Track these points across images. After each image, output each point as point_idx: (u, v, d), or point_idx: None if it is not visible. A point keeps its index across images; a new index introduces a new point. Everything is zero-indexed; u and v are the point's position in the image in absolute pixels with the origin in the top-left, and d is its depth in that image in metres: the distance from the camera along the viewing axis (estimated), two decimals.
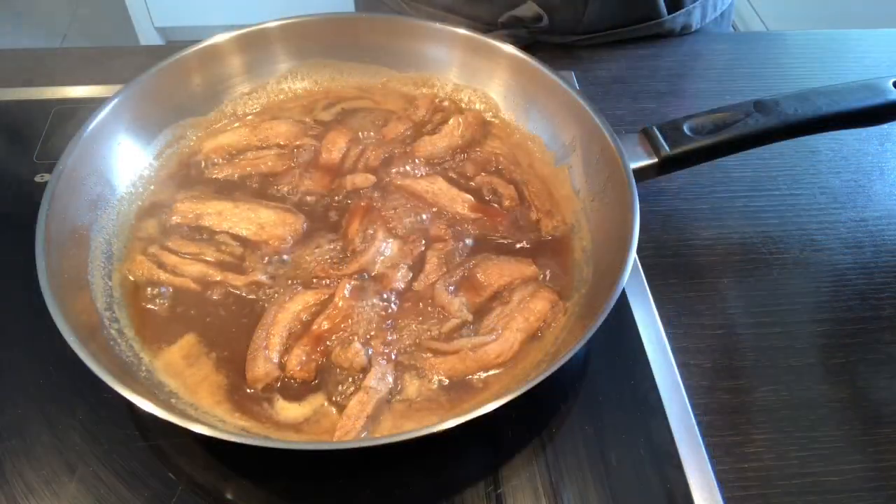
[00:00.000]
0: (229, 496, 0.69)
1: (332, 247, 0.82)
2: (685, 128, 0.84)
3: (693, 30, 1.27)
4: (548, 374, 0.64)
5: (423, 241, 0.84)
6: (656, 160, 0.83)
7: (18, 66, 1.10)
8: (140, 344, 0.74)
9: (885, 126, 1.01)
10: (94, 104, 0.83)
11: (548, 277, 0.82)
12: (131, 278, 0.79)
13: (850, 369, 0.80)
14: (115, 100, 0.84)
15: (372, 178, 0.89)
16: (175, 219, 0.83)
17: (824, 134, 1.00)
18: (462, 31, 0.97)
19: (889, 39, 1.26)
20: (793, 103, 0.84)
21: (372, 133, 0.95)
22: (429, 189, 0.88)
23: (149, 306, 0.77)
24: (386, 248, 0.82)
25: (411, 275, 0.80)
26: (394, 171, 0.91)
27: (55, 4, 3.43)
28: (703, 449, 0.72)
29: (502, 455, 0.72)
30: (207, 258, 0.80)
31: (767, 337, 0.83)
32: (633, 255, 0.73)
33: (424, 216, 0.86)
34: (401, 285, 0.79)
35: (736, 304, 0.86)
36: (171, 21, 3.15)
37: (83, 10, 3.44)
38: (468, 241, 0.84)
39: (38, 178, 0.93)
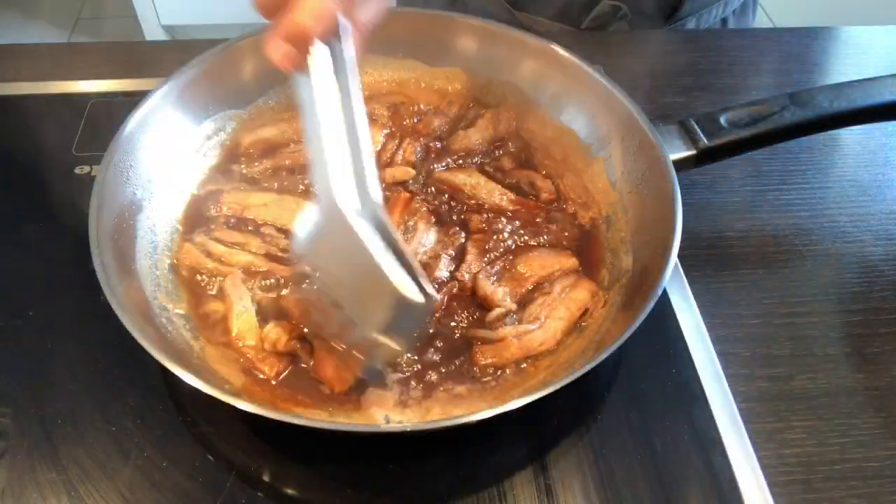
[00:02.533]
0: (282, 480, 0.70)
1: None
2: (722, 120, 0.85)
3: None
4: (595, 363, 0.65)
5: (463, 233, 0.85)
6: (694, 152, 0.84)
7: (53, 61, 1.11)
8: (190, 332, 0.75)
9: None
10: (130, 97, 0.84)
11: (585, 268, 0.83)
12: (179, 268, 0.80)
13: (887, 358, 0.81)
14: (160, 91, 0.84)
15: (412, 172, 0.90)
16: (221, 209, 0.84)
17: (851, 128, 1.02)
18: (494, 25, 0.98)
19: None
20: (828, 96, 0.85)
21: (408, 126, 0.96)
22: (467, 182, 0.89)
23: (197, 295, 0.78)
24: (427, 239, 0.83)
25: (454, 265, 0.81)
26: (431, 164, 0.92)
27: (60, 2, 3.43)
28: (746, 435, 0.73)
29: (549, 441, 0.73)
30: (253, 249, 0.81)
31: (803, 326, 0.84)
32: (677, 248, 0.74)
33: (464, 208, 0.87)
34: (445, 274, 0.80)
35: (771, 295, 0.87)
36: (177, 19, 3.14)
37: (88, 8, 3.44)
38: (507, 233, 0.85)
39: (77, 171, 0.94)
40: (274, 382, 0.72)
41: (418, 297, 0.63)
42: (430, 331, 0.76)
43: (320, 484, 0.69)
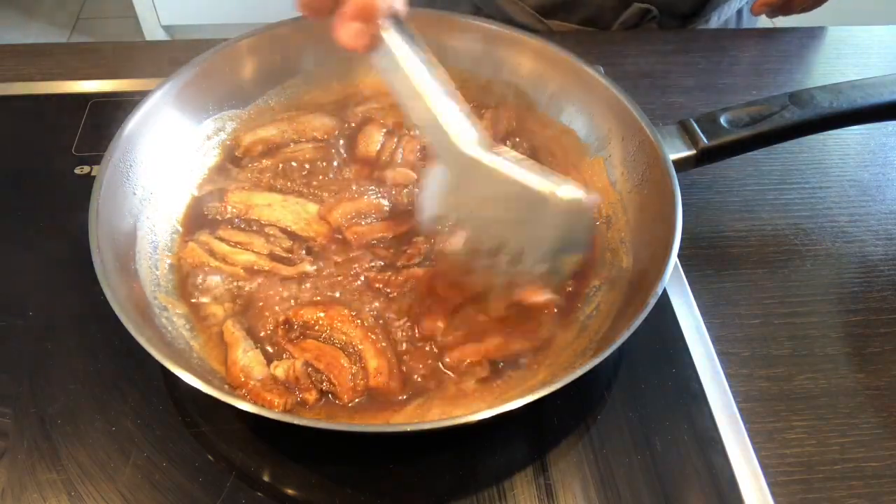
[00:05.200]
0: (282, 480, 0.70)
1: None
2: (722, 120, 0.85)
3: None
4: (595, 363, 0.65)
5: None
6: (694, 152, 0.84)
7: (53, 61, 1.11)
8: (189, 332, 0.75)
9: None
10: (130, 97, 0.84)
11: (585, 267, 0.83)
12: (181, 267, 0.80)
13: (887, 358, 0.81)
14: (160, 91, 0.84)
15: (412, 175, 0.90)
16: (226, 209, 0.84)
17: (851, 128, 1.02)
18: (494, 25, 0.98)
19: None
20: (828, 96, 0.85)
21: (408, 126, 0.96)
22: None
23: (197, 295, 0.78)
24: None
25: None
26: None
27: (60, 2, 3.43)
28: (746, 435, 0.73)
29: (549, 441, 0.73)
30: (256, 248, 0.81)
31: (803, 326, 0.84)
32: (677, 248, 0.73)
33: None
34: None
35: (772, 295, 0.87)
36: (177, 19, 3.14)
37: (88, 8, 3.44)
38: None
39: (77, 171, 0.94)
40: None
41: (578, 193, 0.64)
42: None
43: (320, 484, 0.69)
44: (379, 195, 0.87)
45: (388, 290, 0.78)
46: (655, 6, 1.22)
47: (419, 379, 0.73)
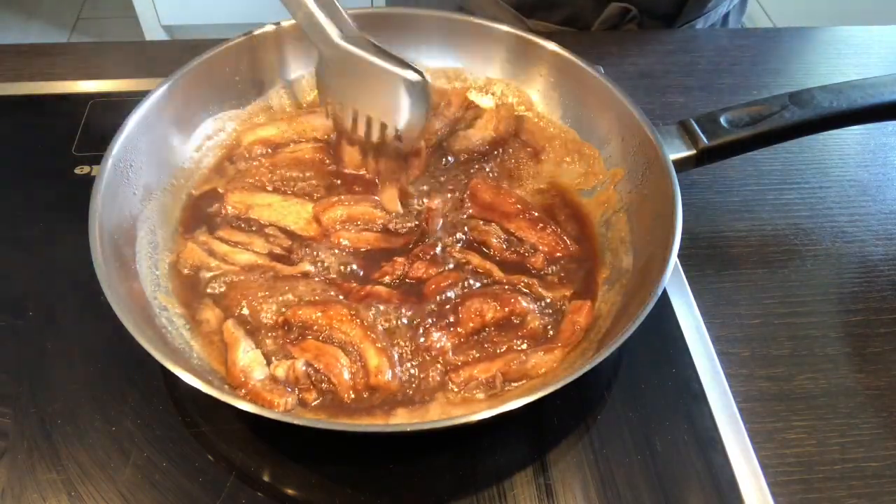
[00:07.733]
0: (282, 480, 0.70)
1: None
2: (722, 120, 0.85)
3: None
4: (595, 363, 0.65)
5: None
6: (694, 152, 0.84)
7: (53, 61, 1.11)
8: (189, 332, 0.75)
9: None
10: (130, 97, 0.84)
11: (585, 268, 0.83)
12: (180, 267, 0.80)
13: (887, 358, 0.81)
14: (160, 90, 0.84)
15: (399, 210, 0.89)
16: (226, 209, 0.84)
17: (851, 128, 1.02)
18: (495, 24, 0.98)
19: None
20: (828, 96, 0.85)
21: None
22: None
23: (196, 295, 0.78)
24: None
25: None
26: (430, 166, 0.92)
27: (60, 2, 3.44)
28: (746, 435, 0.73)
29: (549, 441, 0.73)
30: (256, 248, 0.81)
31: (803, 326, 0.84)
32: (677, 248, 0.73)
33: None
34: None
35: (772, 295, 0.87)
36: (177, 19, 3.15)
37: (88, 8, 3.44)
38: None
39: (77, 170, 0.94)
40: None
41: (417, 76, 0.83)
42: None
43: (320, 484, 0.69)
44: (377, 206, 0.87)
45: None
46: (634, 6, 1.22)
47: (419, 381, 0.73)
